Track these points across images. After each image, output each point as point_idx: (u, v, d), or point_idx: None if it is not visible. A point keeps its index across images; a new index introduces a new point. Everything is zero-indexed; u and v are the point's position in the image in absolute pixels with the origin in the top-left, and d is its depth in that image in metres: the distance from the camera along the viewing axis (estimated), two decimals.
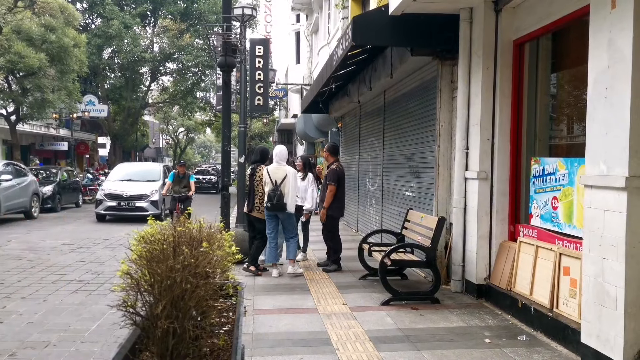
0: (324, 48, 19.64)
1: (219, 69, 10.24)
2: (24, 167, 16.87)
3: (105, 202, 15.52)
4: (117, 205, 15.45)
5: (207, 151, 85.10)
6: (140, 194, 15.61)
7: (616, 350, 3.88)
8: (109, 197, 15.56)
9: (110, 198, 15.54)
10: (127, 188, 15.75)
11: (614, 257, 3.92)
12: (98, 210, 15.64)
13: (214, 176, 33.97)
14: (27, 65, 19.03)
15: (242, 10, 10.32)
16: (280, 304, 6.10)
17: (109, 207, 15.47)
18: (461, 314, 5.68)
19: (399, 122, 9.25)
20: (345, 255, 8.41)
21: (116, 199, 15.51)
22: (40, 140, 31.82)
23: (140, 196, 15.57)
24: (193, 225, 2.64)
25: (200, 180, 32.81)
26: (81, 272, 8.12)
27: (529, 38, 5.75)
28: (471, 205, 6.31)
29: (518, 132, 6.00)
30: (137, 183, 16.19)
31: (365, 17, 7.14)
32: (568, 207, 5.02)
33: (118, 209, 15.53)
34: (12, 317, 5.74)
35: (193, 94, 33.95)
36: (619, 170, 3.88)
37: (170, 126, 54.97)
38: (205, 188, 32.42)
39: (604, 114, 4.06)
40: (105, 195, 15.64)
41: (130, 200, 15.45)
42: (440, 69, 7.04)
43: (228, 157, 9.50)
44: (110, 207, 15.48)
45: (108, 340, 5.05)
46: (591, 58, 4.23)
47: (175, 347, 2.25)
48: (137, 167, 18.87)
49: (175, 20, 30.18)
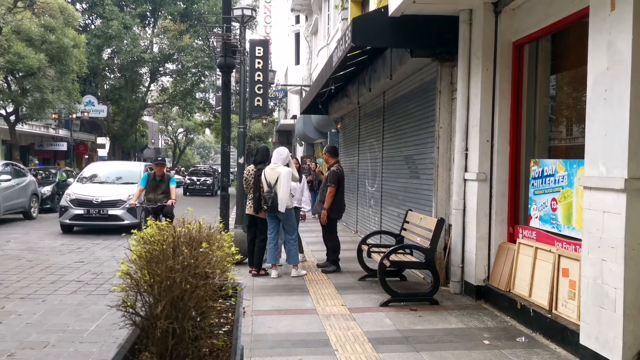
0: (324, 49, 19.65)
1: (219, 70, 10.24)
2: (23, 168, 16.85)
3: (70, 210, 12.57)
4: (86, 213, 12.53)
5: (207, 152, 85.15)
6: (115, 200, 12.66)
7: (615, 352, 3.88)
8: (76, 203, 12.63)
9: (77, 205, 12.60)
10: (98, 192, 12.91)
11: (613, 258, 3.92)
12: (62, 220, 12.68)
13: (210, 177, 31.63)
14: (26, 65, 19.03)
15: (241, 11, 10.32)
16: (280, 304, 6.10)
17: (75, 215, 12.54)
18: (460, 315, 5.68)
19: (398, 123, 9.26)
20: (345, 257, 8.41)
21: (85, 205, 12.58)
22: (40, 140, 31.80)
23: (115, 202, 12.63)
24: (193, 226, 2.64)
25: (194, 181, 30.91)
26: (80, 272, 8.12)
27: (528, 39, 5.76)
28: (470, 206, 6.32)
29: (517, 134, 6.01)
30: (111, 186, 13.46)
31: (365, 19, 7.15)
32: (567, 208, 5.02)
33: (87, 218, 12.61)
34: (11, 318, 5.73)
35: (192, 95, 33.93)
36: (618, 172, 3.89)
37: (170, 127, 55.05)
38: (199, 190, 30.41)
39: (604, 115, 4.06)
40: (72, 202, 12.68)
41: (101, 207, 12.52)
42: (439, 71, 7.05)
43: (227, 158, 9.50)
44: (78, 215, 12.55)
45: (107, 340, 5.05)
46: (590, 60, 4.23)
47: (175, 348, 2.25)
48: (113, 167, 15.75)
49: (175, 21, 30.18)
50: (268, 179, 7.41)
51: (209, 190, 30.51)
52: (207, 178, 31.35)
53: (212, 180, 31.13)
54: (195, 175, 31.98)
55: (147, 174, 9.45)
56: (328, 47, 18.38)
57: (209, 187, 30.74)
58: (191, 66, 31.22)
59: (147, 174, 9.45)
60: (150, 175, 9.33)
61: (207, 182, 30.98)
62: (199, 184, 30.85)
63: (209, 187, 30.71)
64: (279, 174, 7.36)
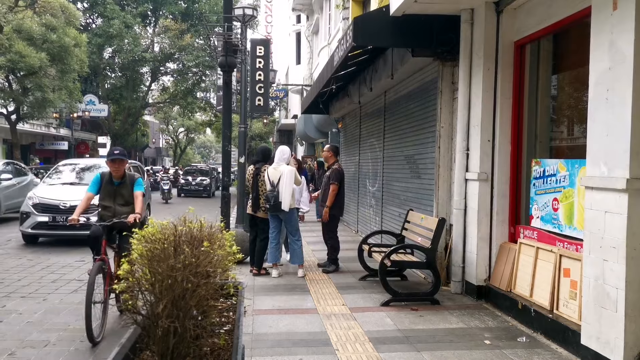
0: (325, 49, 19.65)
1: (220, 69, 10.23)
2: (24, 167, 16.86)
3: (33, 217, 10.30)
4: (51, 220, 10.24)
5: (207, 151, 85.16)
6: None
7: (616, 352, 3.88)
8: (40, 208, 10.36)
9: (41, 210, 10.33)
10: (67, 195, 10.53)
11: (615, 258, 3.92)
12: (23, 229, 10.41)
13: (206, 177, 28.98)
14: (27, 64, 19.04)
15: (243, 10, 10.30)
16: (280, 304, 6.10)
17: (38, 223, 10.26)
18: (461, 315, 5.68)
19: (399, 123, 9.25)
20: (345, 256, 8.40)
21: (50, 211, 10.31)
22: (41, 139, 31.83)
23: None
24: (194, 225, 2.63)
25: (188, 182, 28.25)
26: (81, 271, 8.11)
27: (529, 39, 5.76)
28: (471, 206, 6.31)
29: (519, 134, 6.00)
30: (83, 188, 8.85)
31: (366, 18, 7.14)
32: (568, 208, 5.01)
33: (53, 227, 10.28)
34: (11, 316, 5.73)
35: (193, 94, 33.91)
36: (620, 172, 3.88)
37: (171, 126, 55.02)
38: (194, 191, 27.87)
39: (605, 115, 4.06)
40: (34, 207, 10.40)
41: (70, 213, 8.82)
42: (441, 70, 7.05)
43: (228, 158, 9.50)
44: (41, 224, 10.26)
45: (108, 339, 5.04)
46: (592, 59, 4.23)
47: (176, 347, 2.25)
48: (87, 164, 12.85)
49: (176, 20, 30.20)
50: (271, 178, 7.40)
51: (205, 191, 28.02)
52: (203, 178, 28.72)
53: (209, 180, 28.69)
54: (190, 175, 29.27)
55: (100, 174, 5.87)
56: (329, 46, 18.38)
57: (205, 188, 28.15)
58: (192, 65, 31.22)
59: (100, 174, 5.87)
60: (105, 177, 5.83)
61: (203, 182, 28.35)
62: (195, 184, 28.29)
63: (205, 188, 28.14)
64: (281, 173, 7.35)
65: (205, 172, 30.11)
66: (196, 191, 28.03)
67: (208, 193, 28.14)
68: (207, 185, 28.26)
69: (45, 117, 25.29)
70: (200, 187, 28.23)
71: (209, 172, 30.23)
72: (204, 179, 28.64)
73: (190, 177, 28.89)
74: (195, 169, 31.40)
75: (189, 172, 30.35)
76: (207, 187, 28.22)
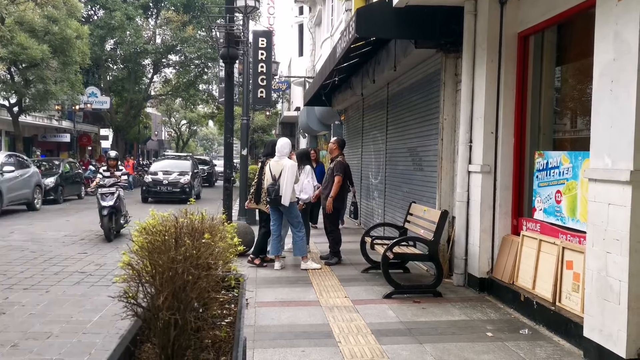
0: (327, 41, 19.57)
1: (222, 61, 10.21)
2: (26, 159, 16.88)
3: None
4: None
5: (210, 144, 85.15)
6: None
7: (619, 345, 3.87)
8: None
9: None
10: None
11: (618, 251, 3.90)
12: None
13: (185, 175, 19.90)
14: (29, 56, 18.99)
15: (245, 1, 10.27)
16: (282, 296, 6.10)
17: None
18: (463, 307, 5.67)
19: (402, 115, 9.22)
20: (348, 249, 8.40)
21: None
22: (43, 132, 31.80)
23: None
24: (195, 217, 2.62)
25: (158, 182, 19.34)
26: (83, 263, 8.14)
27: (533, 31, 5.71)
28: (474, 198, 6.29)
29: (522, 126, 5.97)
30: None
31: (369, 9, 7.09)
32: (572, 201, 4.99)
33: None
34: (14, 308, 5.75)
35: (196, 86, 33.83)
36: (624, 163, 3.85)
37: (173, 118, 55.01)
38: (166, 194, 19.16)
39: (609, 107, 4.03)
40: None
41: None
42: (444, 62, 7.00)
43: (230, 149, 9.50)
44: None
45: (110, 331, 5.06)
46: (597, 51, 4.19)
47: (177, 339, 2.24)
48: None
49: (177, 12, 30.07)
50: (273, 172, 7.37)
51: (183, 193, 19.14)
52: (179, 177, 19.65)
53: (188, 178, 19.74)
54: (163, 173, 19.96)
55: None
56: (332, 38, 18.30)
57: (182, 189, 19.26)
58: (194, 57, 31.14)
59: None
60: None
61: (179, 182, 19.40)
62: (167, 184, 19.26)
63: (183, 189, 19.26)
64: (283, 167, 7.33)
65: (183, 166, 21.05)
66: (168, 194, 19.23)
67: (187, 195, 18.93)
68: (184, 185, 19.38)
69: (47, 109, 25.23)
70: (176, 187, 19.31)
71: (190, 166, 21.31)
72: (180, 177, 19.70)
73: (161, 174, 19.82)
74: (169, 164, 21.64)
75: (160, 169, 20.70)
76: (185, 188, 19.30)
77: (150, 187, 19.49)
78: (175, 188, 19.35)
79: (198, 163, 26.21)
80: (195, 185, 20.76)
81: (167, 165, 21.49)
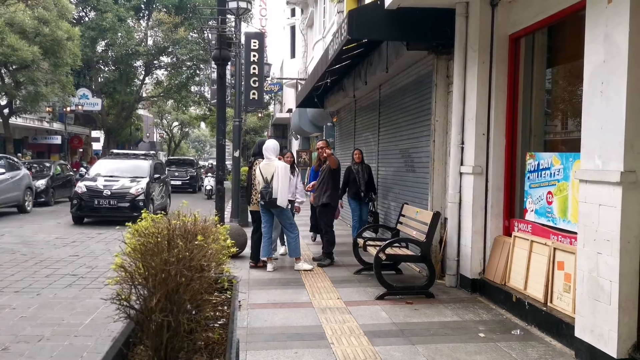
0: (319, 42, 19.59)
1: (214, 63, 10.20)
2: (17, 161, 16.77)
3: None
4: None
5: (202, 145, 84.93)
6: None
7: (610, 345, 3.89)
8: None
9: None
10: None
11: (609, 251, 3.93)
12: None
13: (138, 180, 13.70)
14: (20, 58, 18.88)
15: (237, 3, 10.27)
16: (275, 298, 6.09)
17: None
18: (455, 308, 5.69)
19: (394, 116, 9.24)
20: (340, 250, 8.40)
21: None
22: (34, 133, 31.64)
23: None
24: (188, 219, 2.62)
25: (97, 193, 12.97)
26: (75, 266, 8.09)
27: (524, 32, 5.74)
28: (466, 200, 6.32)
29: (513, 127, 6.00)
30: None
31: (361, 11, 7.11)
32: (563, 202, 5.02)
33: None
34: (5, 311, 5.71)
35: (187, 88, 33.69)
36: (614, 165, 3.88)
37: (165, 120, 54.80)
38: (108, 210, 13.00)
39: (600, 108, 4.06)
40: None
41: None
42: (436, 64, 7.03)
43: (223, 151, 9.50)
44: None
45: (102, 334, 5.03)
46: (587, 53, 4.22)
47: (170, 341, 2.23)
48: None
49: (169, 13, 29.99)
50: (264, 174, 7.32)
51: (134, 207, 12.73)
52: (129, 186, 13.40)
53: (141, 187, 13.48)
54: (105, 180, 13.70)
55: None
56: (324, 40, 18.32)
57: (133, 203, 12.97)
58: (186, 59, 31.02)
59: None
60: None
61: (127, 193, 13.17)
62: (108, 196, 13.03)
63: (134, 203, 12.96)
64: (275, 169, 7.29)
65: (137, 170, 14.55)
66: (111, 210, 13.06)
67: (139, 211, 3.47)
68: (135, 196, 13.19)
69: (38, 111, 25.12)
70: (123, 201, 13.09)
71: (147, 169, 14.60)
72: (131, 186, 13.47)
73: (102, 179, 13.77)
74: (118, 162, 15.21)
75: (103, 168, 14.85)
76: (137, 202, 13.06)
77: (83, 201, 13.11)
78: (122, 202, 13.08)
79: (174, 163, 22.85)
80: (157, 196, 14.64)
81: (114, 168, 14.71)
